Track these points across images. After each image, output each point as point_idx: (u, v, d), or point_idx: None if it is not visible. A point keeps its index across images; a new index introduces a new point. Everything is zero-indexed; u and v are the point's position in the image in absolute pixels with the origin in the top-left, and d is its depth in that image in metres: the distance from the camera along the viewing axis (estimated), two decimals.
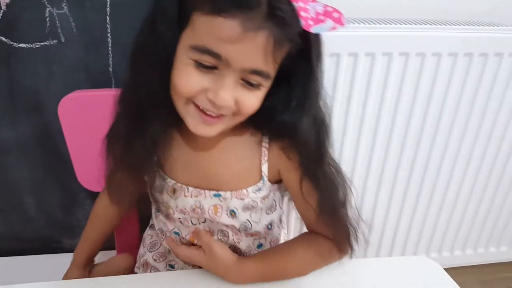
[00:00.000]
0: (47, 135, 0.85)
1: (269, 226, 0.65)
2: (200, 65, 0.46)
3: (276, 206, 0.64)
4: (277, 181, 0.61)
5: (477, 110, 0.98)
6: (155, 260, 0.71)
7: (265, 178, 0.58)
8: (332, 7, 0.45)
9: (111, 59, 0.80)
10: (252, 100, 0.49)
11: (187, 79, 0.47)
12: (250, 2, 0.43)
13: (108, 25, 0.77)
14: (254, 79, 0.47)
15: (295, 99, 0.51)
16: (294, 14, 0.44)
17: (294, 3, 0.44)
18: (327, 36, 0.48)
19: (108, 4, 0.75)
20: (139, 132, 0.53)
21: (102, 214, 0.73)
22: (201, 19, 0.45)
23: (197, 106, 0.49)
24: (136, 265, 0.74)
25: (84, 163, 0.79)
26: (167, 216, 0.65)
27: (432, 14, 0.95)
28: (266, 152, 0.57)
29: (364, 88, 0.90)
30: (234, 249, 0.65)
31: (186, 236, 0.65)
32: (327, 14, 0.45)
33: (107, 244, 0.75)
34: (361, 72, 0.87)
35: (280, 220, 0.67)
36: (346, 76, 0.87)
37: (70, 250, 0.94)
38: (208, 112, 0.48)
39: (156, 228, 0.71)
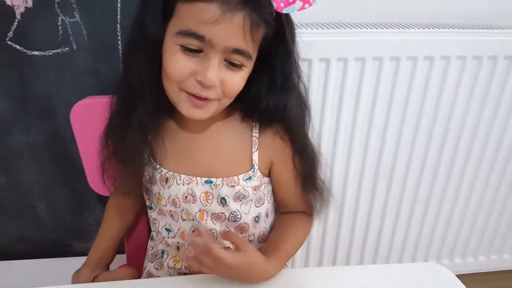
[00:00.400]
0: (58, 140, 0.86)
1: (257, 219, 0.66)
2: (186, 49, 0.51)
3: (264, 200, 0.66)
4: (268, 174, 0.65)
5: (488, 111, 0.97)
6: (156, 269, 0.71)
7: (256, 167, 0.62)
8: None
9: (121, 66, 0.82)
10: (236, 80, 0.53)
11: (176, 64, 0.52)
12: None
13: (118, 32, 0.78)
14: (236, 58, 0.52)
15: (278, 80, 0.56)
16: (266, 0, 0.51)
17: None
18: (321, 42, 0.50)
19: (119, 12, 0.77)
20: (131, 124, 0.57)
21: (114, 213, 0.74)
22: (185, 6, 0.50)
23: (187, 92, 0.53)
24: (142, 277, 0.75)
25: (95, 167, 0.79)
26: (160, 212, 0.67)
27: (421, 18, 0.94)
28: (257, 141, 0.61)
29: (355, 93, 0.89)
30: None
31: (177, 231, 0.66)
32: None
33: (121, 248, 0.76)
34: (367, 77, 0.87)
35: (267, 215, 0.69)
36: (337, 81, 0.87)
37: (80, 254, 0.95)
38: (197, 95, 0.53)
39: (154, 235, 0.72)
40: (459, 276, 0.60)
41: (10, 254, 0.97)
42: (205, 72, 0.50)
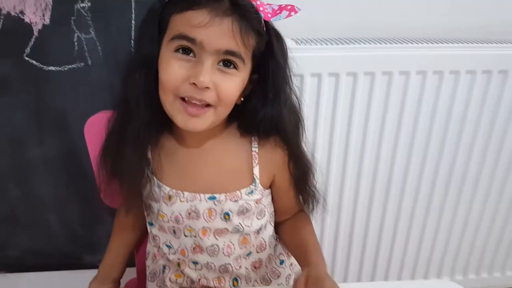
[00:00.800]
0: (72, 153, 0.88)
1: (259, 231, 0.67)
2: (179, 51, 0.53)
3: (265, 211, 0.67)
4: (269, 186, 0.66)
5: (500, 123, 0.95)
6: (159, 287, 0.71)
7: (257, 181, 0.62)
8: (286, 4, 0.56)
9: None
10: (230, 84, 0.55)
11: (171, 70, 0.53)
12: None
13: (132, 49, 0.80)
14: (229, 59, 0.54)
15: (271, 92, 0.58)
16: (253, 9, 0.54)
17: (253, 2, 0.54)
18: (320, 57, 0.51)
19: (133, 29, 0.79)
20: (128, 140, 0.58)
21: (120, 228, 0.75)
22: (176, 17, 0.54)
23: (182, 101, 0.54)
24: None
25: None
26: (160, 228, 0.67)
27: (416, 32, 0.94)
28: (257, 156, 0.62)
29: (347, 109, 0.88)
30: (225, 266, 0.66)
31: (177, 249, 0.66)
32: (281, 8, 0.56)
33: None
34: (360, 92, 0.87)
35: (265, 226, 0.69)
36: (329, 96, 0.87)
37: (90, 266, 0.95)
38: (193, 101, 0.54)
39: (151, 252, 0.72)
40: None
41: (22, 266, 0.97)
42: (198, 74, 0.52)
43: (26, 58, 0.79)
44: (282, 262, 0.73)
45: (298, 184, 0.65)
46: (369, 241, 1.05)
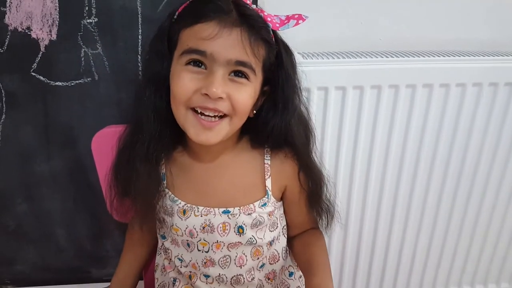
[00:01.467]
0: (79, 168, 0.88)
1: (271, 242, 0.67)
2: (190, 64, 0.53)
3: (277, 223, 0.67)
4: (280, 198, 0.66)
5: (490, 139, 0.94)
6: None
7: (270, 193, 0.63)
8: (293, 14, 0.56)
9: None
10: (243, 94, 0.55)
11: (182, 82, 0.53)
12: (222, 9, 0.52)
13: (139, 63, 0.80)
14: (240, 70, 0.54)
15: (280, 102, 0.59)
16: (261, 19, 0.54)
17: (261, 14, 0.55)
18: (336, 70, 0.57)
19: (140, 44, 0.79)
20: (142, 157, 0.58)
21: (131, 242, 0.75)
22: (186, 32, 0.54)
23: (195, 113, 0.54)
24: None
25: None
26: (173, 241, 0.67)
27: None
28: (269, 168, 0.63)
29: (354, 121, 0.88)
30: (237, 278, 0.66)
31: (189, 262, 0.66)
32: (288, 18, 0.56)
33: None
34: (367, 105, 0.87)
35: (278, 238, 0.69)
36: (336, 109, 0.86)
37: (97, 280, 0.95)
38: (206, 113, 0.54)
39: (160, 265, 0.72)
40: None
41: (29, 280, 0.97)
42: (210, 85, 0.52)
43: (33, 74, 0.79)
44: (291, 274, 0.73)
45: (309, 197, 0.65)
46: (377, 252, 1.04)
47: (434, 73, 0.85)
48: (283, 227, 0.70)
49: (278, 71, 0.58)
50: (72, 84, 0.81)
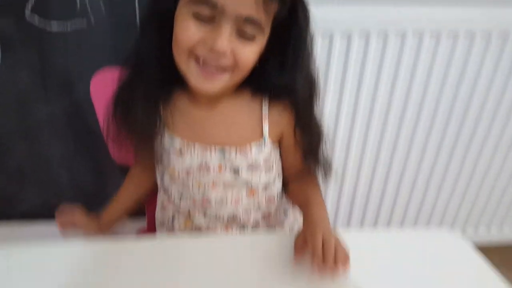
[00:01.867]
0: (78, 111, 0.89)
1: (266, 185, 0.69)
2: (198, 16, 0.51)
3: (273, 166, 0.68)
4: (277, 143, 0.67)
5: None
6: (168, 232, 0.74)
7: (266, 137, 0.63)
8: None
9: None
10: (248, 53, 0.53)
11: (187, 30, 0.51)
12: None
13: (136, 5, 0.79)
14: (248, 28, 0.52)
15: (290, 60, 0.56)
16: None
17: None
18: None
19: None
20: (140, 93, 0.58)
21: (129, 182, 0.78)
22: None
23: (197, 61, 0.53)
24: None
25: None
26: (171, 179, 0.69)
27: None
28: (267, 116, 0.63)
29: (358, 70, 0.89)
30: (233, 216, 0.69)
31: (188, 197, 0.68)
32: None
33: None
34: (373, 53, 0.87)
35: (274, 181, 0.70)
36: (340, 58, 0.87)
37: None
38: (208, 63, 0.53)
39: (160, 201, 0.75)
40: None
41: (32, 217, 1.01)
42: (216, 39, 0.50)
43: (29, 14, 0.78)
44: (286, 211, 0.75)
45: (305, 151, 0.65)
46: (375, 186, 1.08)
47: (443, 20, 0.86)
48: (279, 172, 0.71)
49: (291, 27, 0.55)
50: (68, 27, 0.80)
